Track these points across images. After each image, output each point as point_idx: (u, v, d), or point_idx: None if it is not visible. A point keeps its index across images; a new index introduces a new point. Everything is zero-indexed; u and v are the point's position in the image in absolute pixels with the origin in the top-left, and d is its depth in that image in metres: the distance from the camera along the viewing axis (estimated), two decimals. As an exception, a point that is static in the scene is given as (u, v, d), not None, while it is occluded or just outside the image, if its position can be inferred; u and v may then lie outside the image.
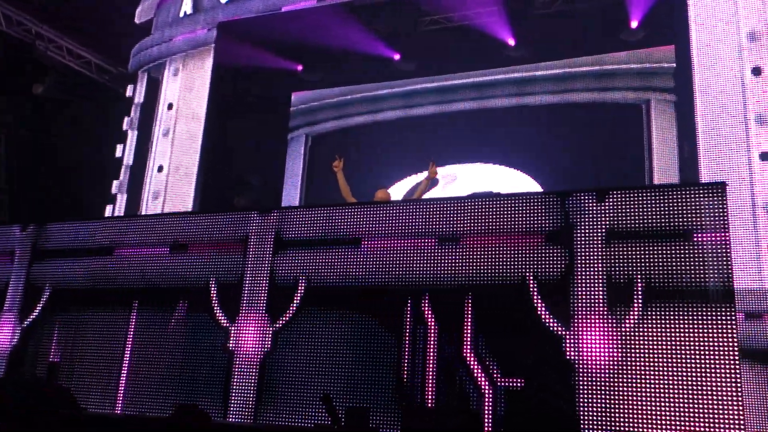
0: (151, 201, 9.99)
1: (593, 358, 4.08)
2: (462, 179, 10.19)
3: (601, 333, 4.11)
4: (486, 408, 4.26)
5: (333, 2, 9.69)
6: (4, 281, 6.36)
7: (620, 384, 4.00)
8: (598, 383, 4.03)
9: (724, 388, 3.80)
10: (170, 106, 10.41)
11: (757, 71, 7.29)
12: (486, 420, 4.25)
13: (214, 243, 5.64)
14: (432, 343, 4.55)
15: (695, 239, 4.12)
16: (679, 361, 3.93)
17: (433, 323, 4.58)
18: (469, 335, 4.44)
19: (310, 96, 11.41)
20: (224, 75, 10.24)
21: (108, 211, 10.41)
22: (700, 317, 3.97)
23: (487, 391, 4.29)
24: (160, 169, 10.13)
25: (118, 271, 5.91)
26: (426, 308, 4.63)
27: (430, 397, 4.42)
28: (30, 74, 10.93)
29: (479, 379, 4.33)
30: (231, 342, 5.23)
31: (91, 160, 10.97)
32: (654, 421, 3.86)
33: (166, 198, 9.89)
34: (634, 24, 9.19)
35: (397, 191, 9.51)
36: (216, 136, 10.05)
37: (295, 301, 5.11)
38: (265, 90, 10.86)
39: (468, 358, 4.40)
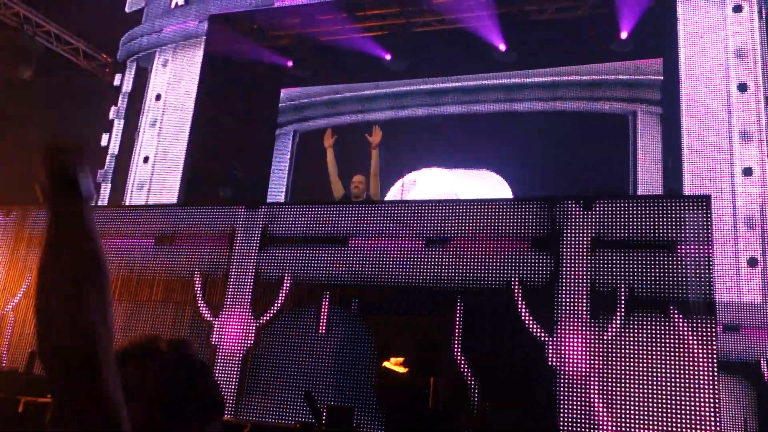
0: (136, 191, 9.91)
1: (575, 364, 4.14)
2: (446, 183, 10.23)
3: (584, 340, 4.17)
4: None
5: (326, -1, 9.69)
6: (-15, 267, 6.29)
7: (601, 391, 4.05)
8: (580, 390, 4.08)
9: (702, 399, 3.87)
10: (158, 97, 10.33)
11: (743, 87, 7.41)
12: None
13: (200, 236, 5.62)
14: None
15: (679, 250, 4.18)
16: (659, 370, 3.99)
17: (420, 324, 4.61)
18: (458, 337, 4.47)
19: (299, 92, 11.39)
20: (214, 67, 10.18)
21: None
22: (681, 328, 4.03)
23: (473, 393, 4.33)
24: (146, 159, 10.05)
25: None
26: (412, 309, 4.65)
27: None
28: (15, 58, 10.78)
29: (467, 379, 4.37)
30: (214, 336, 5.22)
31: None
32: (633, 429, 3.92)
33: (150, 188, 9.81)
34: (623, 35, 9.28)
35: (385, 195, 9.52)
36: (203, 128, 9.99)
37: (279, 298, 5.11)
38: (254, 84, 10.82)
39: (458, 359, 4.43)
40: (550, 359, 4.20)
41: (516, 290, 4.41)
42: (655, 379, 3.97)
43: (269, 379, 4.90)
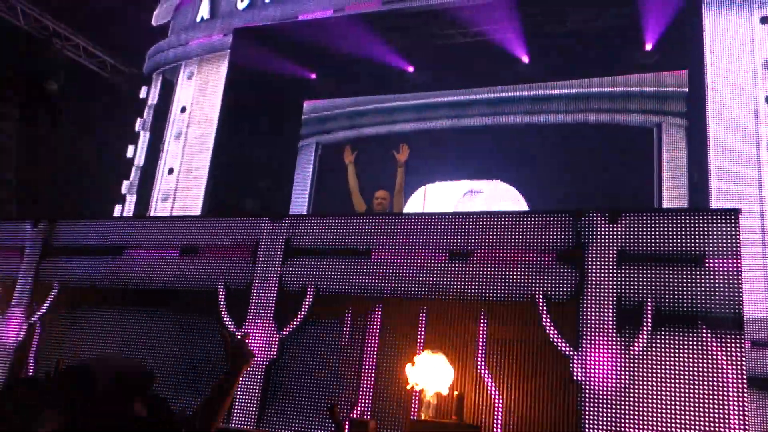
0: (161, 203, 10.02)
1: (601, 379, 4.08)
2: (474, 195, 10.20)
3: (610, 355, 4.11)
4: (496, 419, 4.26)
5: (350, 13, 9.75)
6: (12, 277, 6.39)
7: (626, 407, 3.99)
8: (605, 405, 4.03)
9: (731, 415, 3.80)
10: (183, 109, 10.46)
11: (770, 100, 7.31)
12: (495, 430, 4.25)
13: (224, 247, 5.66)
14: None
15: (707, 265, 4.12)
16: (686, 386, 3.93)
17: (444, 337, 4.59)
18: (481, 350, 4.44)
19: (322, 105, 11.45)
20: (238, 80, 10.30)
21: (117, 210, 10.45)
22: (709, 343, 3.97)
23: (496, 407, 4.29)
24: (171, 171, 10.17)
25: (127, 271, 5.93)
26: (436, 321, 4.64)
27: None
28: (44, 71, 11.00)
29: (491, 393, 4.33)
30: (237, 347, 5.23)
31: (102, 159, 11.03)
32: (660, 446, 3.86)
33: (175, 200, 9.92)
34: (648, 47, 9.22)
35: (407, 205, 9.52)
36: (227, 140, 10.09)
37: (303, 309, 5.12)
38: (278, 97, 10.91)
39: (481, 372, 4.40)
40: (575, 374, 4.15)
41: (540, 303, 4.37)
42: (682, 394, 3.91)
43: (292, 391, 4.90)
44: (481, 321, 4.51)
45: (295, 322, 5.12)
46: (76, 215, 8.42)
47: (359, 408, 4.63)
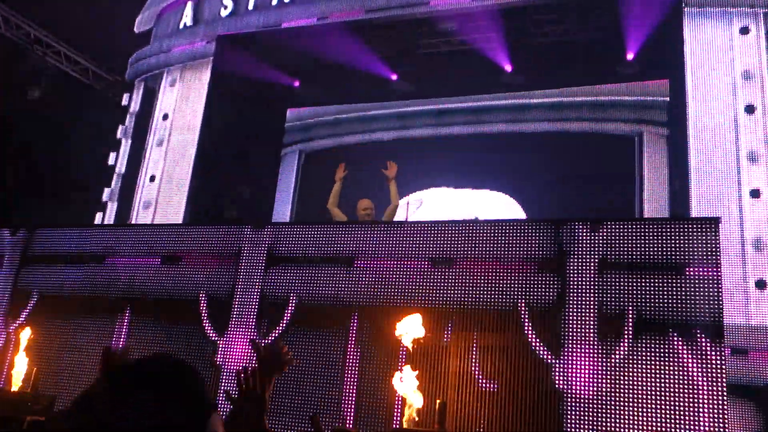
0: (142, 210, 9.93)
1: (582, 387, 4.10)
2: (453, 203, 10.23)
3: (591, 362, 4.13)
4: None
5: (333, 20, 9.76)
6: (-12, 285, 6.30)
7: (608, 414, 4.01)
8: (586, 412, 4.04)
9: (711, 422, 3.82)
10: (165, 117, 10.40)
11: (750, 109, 7.40)
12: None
13: (206, 255, 5.63)
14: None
15: (687, 273, 4.16)
16: (667, 393, 3.95)
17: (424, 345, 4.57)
18: (463, 357, 4.44)
19: (305, 112, 11.44)
20: (221, 87, 10.26)
21: (98, 218, 10.34)
22: (689, 351, 4.00)
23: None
24: (152, 178, 10.09)
25: (108, 279, 5.87)
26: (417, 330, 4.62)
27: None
28: (25, 78, 10.90)
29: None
30: (218, 355, 5.20)
31: (83, 166, 10.92)
32: (641, 454, 3.87)
33: (157, 208, 9.84)
34: (630, 56, 9.31)
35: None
36: (210, 148, 10.04)
37: (285, 318, 5.10)
38: (261, 104, 10.88)
39: (462, 379, 4.40)
40: (557, 381, 4.16)
41: (522, 311, 4.38)
42: (663, 401, 3.93)
43: (274, 401, 4.86)
44: (464, 329, 4.50)
45: (277, 331, 5.10)
46: (56, 223, 8.32)
47: (341, 417, 4.60)
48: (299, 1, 9.97)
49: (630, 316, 4.15)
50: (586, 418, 4.02)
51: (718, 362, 3.92)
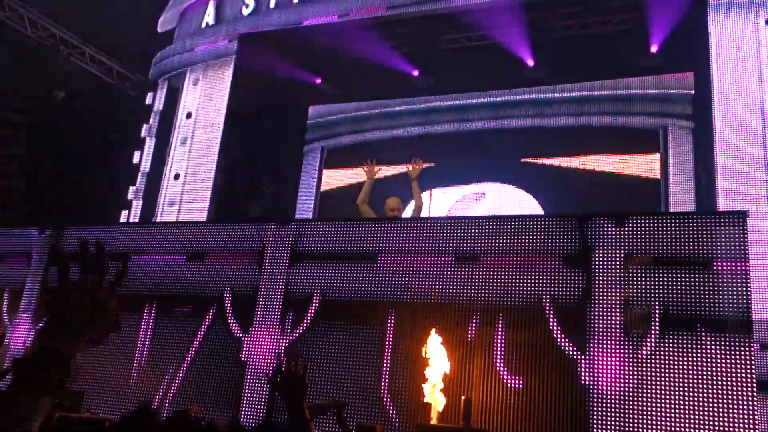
0: (167, 208, 10.04)
1: (608, 383, 4.06)
2: (478, 199, 10.19)
3: (617, 358, 4.09)
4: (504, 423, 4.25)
5: (354, 18, 9.77)
6: (20, 283, 6.41)
7: (635, 410, 3.97)
8: (613, 408, 4.01)
9: (740, 419, 3.77)
10: (189, 115, 10.50)
11: (777, 101, 7.28)
12: None
13: (230, 253, 5.67)
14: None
15: (714, 267, 4.10)
16: (694, 389, 3.90)
17: (449, 341, 4.57)
18: (488, 353, 4.43)
19: (327, 109, 11.47)
20: (243, 85, 10.33)
21: (123, 216, 10.48)
22: (717, 347, 3.94)
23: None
24: (177, 176, 10.20)
25: (134, 277, 5.94)
26: (441, 326, 4.62)
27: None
28: (51, 79, 11.07)
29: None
30: (243, 352, 5.24)
31: (108, 165, 11.07)
32: (669, 450, 3.83)
33: (181, 205, 9.94)
34: (654, 49, 9.20)
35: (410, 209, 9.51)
36: (233, 145, 10.12)
37: (309, 314, 5.12)
38: (283, 102, 10.94)
39: (488, 375, 4.38)
40: (582, 377, 4.13)
41: (547, 307, 4.36)
42: (691, 398, 3.89)
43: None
44: (488, 325, 4.49)
45: (301, 327, 5.12)
46: (83, 221, 8.44)
47: (366, 412, 4.61)
48: (320, -2, 10.00)
49: (656, 311, 4.10)
50: (613, 414, 3.99)
51: (747, 358, 3.86)
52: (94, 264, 1.62)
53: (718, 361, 3.91)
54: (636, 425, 3.93)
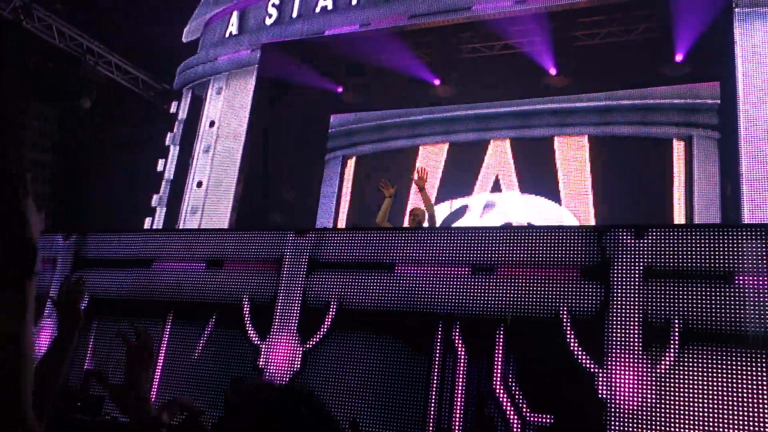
0: (190, 215, 10.15)
1: (626, 398, 4.00)
2: (499, 208, 10.15)
3: (636, 373, 4.03)
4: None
5: (376, 27, 9.81)
6: (45, 288, 6.51)
7: (653, 426, 3.90)
8: (631, 424, 3.95)
9: (763, 437, 3.69)
10: (212, 124, 10.62)
11: (804, 111, 7.15)
12: (514, 455, 4.18)
13: (249, 261, 5.71)
14: (461, 372, 4.51)
15: (737, 281, 4.02)
16: (716, 406, 3.82)
17: (463, 353, 4.55)
18: (499, 367, 4.40)
19: (348, 118, 11.52)
20: (265, 94, 10.42)
21: (147, 223, 10.61)
22: (739, 362, 3.86)
23: (515, 427, 4.23)
24: (200, 184, 10.31)
25: (155, 283, 6.01)
26: (457, 337, 4.60)
27: (457, 428, 4.38)
28: (78, 87, 11.26)
29: (508, 413, 4.27)
30: (261, 360, 5.26)
31: (133, 173, 11.23)
32: (688, 467, 3.76)
33: (203, 213, 10.04)
34: (679, 58, 9.09)
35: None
36: (255, 153, 10.20)
37: (326, 323, 5.13)
38: (305, 111, 11.01)
39: (497, 391, 4.35)
40: (599, 392, 4.07)
41: (564, 320, 4.31)
42: (712, 415, 3.81)
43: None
44: (504, 337, 4.46)
45: (318, 336, 5.13)
46: (107, 228, 8.57)
47: (381, 423, 4.60)
48: (342, 8, 10.05)
49: (676, 325, 4.04)
50: (630, 429, 3.92)
51: (770, 374, 3.78)
52: None
53: (741, 376, 3.83)
54: (654, 441, 3.87)
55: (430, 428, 4.43)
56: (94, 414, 4.69)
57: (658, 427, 3.88)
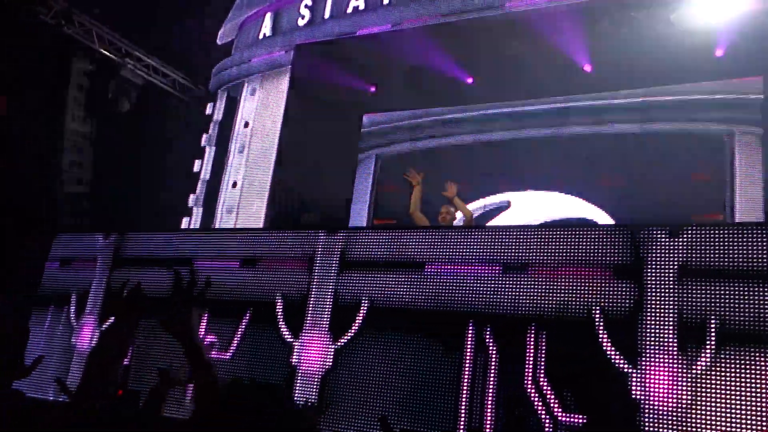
0: (225, 215, 10.29)
1: (661, 398, 3.94)
2: (532, 207, 10.05)
3: (670, 373, 3.96)
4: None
5: (408, 26, 9.81)
6: (86, 286, 6.69)
7: (689, 427, 3.83)
8: (665, 424, 3.88)
9: (803, 441, 3.59)
10: (246, 124, 10.74)
11: None
12: (545, 455, 4.15)
13: (282, 259, 5.77)
14: (492, 372, 4.49)
15: (775, 281, 3.92)
16: (754, 407, 3.74)
17: (495, 352, 4.53)
18: (531, 367, 4.36)
19: (381, 118, 11.52)
20: (299, 95, 10.49)
21: (184, 223, 10.79)
22: (778, 363, 3.77)
23: (547, 427, 4.19)
24: (234, 184, 10.44)
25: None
26: (488, 337, 4.58)
27: (488, 427, 4.36)
28: (118, 90, 11.50)
29: (540, 412, 4.24)
30: (294, 357, 5.32)
31: (170, 173, 11.43)
32: (724, 471, 3.68)
33: (239, 212, 10.17)
34: (719, 53, 8.86)
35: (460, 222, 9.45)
36: (288, 153, 10.29)
37: (357, 321, 5.16)
38: (338, 110, 11.05)
39: (529, 391, 4.32)
40: (633, 392, 4.01)
41: (597, 319, 4.26)
42: (749, 416, 3.72)
43: (346, 401, 4.93)
44: (536, 337, 4.42)
45: (349, 334, 5.16)
46: (145, 227, 8.74)
47: (411, 420, 4.61)
48: (374, 8, 10.07)
49: (712, 325, 3.95)
50: (665, 430, 3.86)
51: (811, 376, 3.67)
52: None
53: (780, 378, 3.73)
54: (690, 443, 3.79)
55: (461, 427, 4.42)
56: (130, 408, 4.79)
57: (692, 429, 3.80)
